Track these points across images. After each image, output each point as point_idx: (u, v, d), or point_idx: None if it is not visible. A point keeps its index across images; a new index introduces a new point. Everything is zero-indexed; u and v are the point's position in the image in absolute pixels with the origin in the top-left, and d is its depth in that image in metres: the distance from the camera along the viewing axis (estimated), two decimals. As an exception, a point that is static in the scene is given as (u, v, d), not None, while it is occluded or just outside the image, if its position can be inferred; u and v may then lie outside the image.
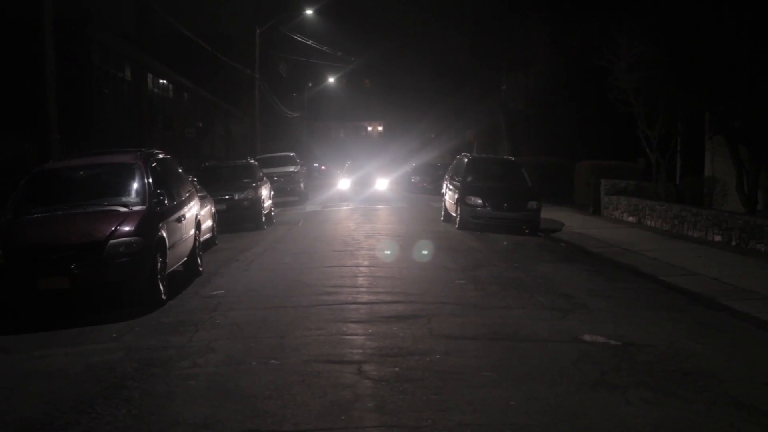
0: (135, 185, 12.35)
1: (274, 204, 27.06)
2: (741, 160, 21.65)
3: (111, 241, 10.82)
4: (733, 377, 7.94)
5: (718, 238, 19.18)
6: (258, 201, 22.86)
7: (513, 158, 27.70)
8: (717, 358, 8.71)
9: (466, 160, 25.09)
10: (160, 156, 14.01)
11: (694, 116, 24.52)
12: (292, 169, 34.96)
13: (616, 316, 10.77)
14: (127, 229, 11.09)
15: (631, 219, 24.81)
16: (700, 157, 26.69)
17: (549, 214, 24.90)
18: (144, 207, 11.90)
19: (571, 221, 24.36)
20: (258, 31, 42.53)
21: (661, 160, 25.05)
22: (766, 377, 8.11)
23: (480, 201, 22.04)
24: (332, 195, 37.61)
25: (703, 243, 18.99)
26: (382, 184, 37.28)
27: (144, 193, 12.16)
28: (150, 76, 35.42)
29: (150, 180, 12.39)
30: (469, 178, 23.32)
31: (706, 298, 12.21)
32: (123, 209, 11.70)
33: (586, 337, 9.43)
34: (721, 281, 13.53)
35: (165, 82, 37.93)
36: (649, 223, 23.51)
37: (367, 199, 34.21)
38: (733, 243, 18.40)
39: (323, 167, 72.22)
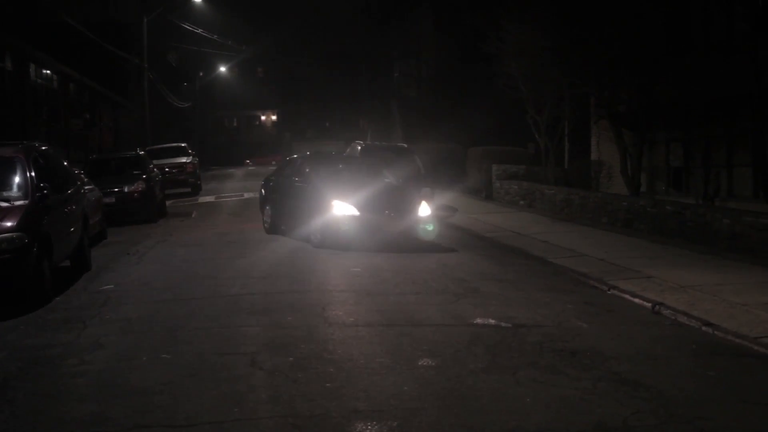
0: (16, 179, 11.88)
1: (167, 196, 26.57)
2: (625, 144, 22.33)
3: (-9, 238, 10.41)
4: (618, 354, 8.22)
5: (604, 219, 19.78)
6: (148, 193, 22.40)
7: (406, 145, 27.88)
8: (602, 336, 8.99)
9: (359, 148, 25.11)
10: (43, 148, 13.57)
11: (581, 101, 25.16)
12: (184, 159, 34.36)
13: (507, 299, 10.99)
14: (8, 224, 10.68)
15: (522, 203, 25.33)
16: (587, 141, 27.44)
17: (442, 199, 25.16)
18: (27, 201, 11.46)
19: (464, 207, 24.69)
20: (145, 19, 41.49)
21: (549, 144, 25.67)
22: (648, 353, 8.42)
23: (375, 188, 22.05)
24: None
25: (590, 225, 19.55)
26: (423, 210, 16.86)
27: (26, 187, 11.73)
28: (33, 66, 34.13)
29: (32, 173, 11.96)
30: (364, 166, 23.30)
31: (593, 278, 12.60)
32: (4, 204, 11.25)
33: (478, 321, 9.60)
34: (607, 261, 13.97)
35: (49, 72, 36.62)
36: (539, 206, 24.06)
37: None
38: (619, 224, 19.01)
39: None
